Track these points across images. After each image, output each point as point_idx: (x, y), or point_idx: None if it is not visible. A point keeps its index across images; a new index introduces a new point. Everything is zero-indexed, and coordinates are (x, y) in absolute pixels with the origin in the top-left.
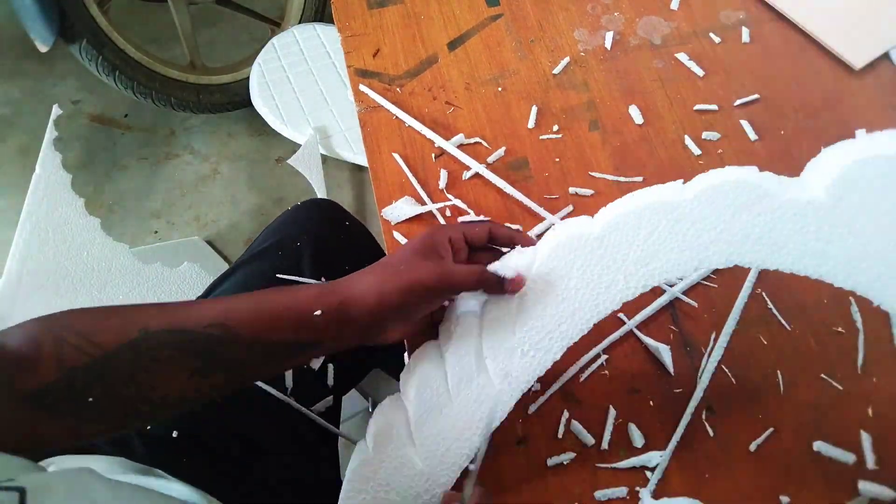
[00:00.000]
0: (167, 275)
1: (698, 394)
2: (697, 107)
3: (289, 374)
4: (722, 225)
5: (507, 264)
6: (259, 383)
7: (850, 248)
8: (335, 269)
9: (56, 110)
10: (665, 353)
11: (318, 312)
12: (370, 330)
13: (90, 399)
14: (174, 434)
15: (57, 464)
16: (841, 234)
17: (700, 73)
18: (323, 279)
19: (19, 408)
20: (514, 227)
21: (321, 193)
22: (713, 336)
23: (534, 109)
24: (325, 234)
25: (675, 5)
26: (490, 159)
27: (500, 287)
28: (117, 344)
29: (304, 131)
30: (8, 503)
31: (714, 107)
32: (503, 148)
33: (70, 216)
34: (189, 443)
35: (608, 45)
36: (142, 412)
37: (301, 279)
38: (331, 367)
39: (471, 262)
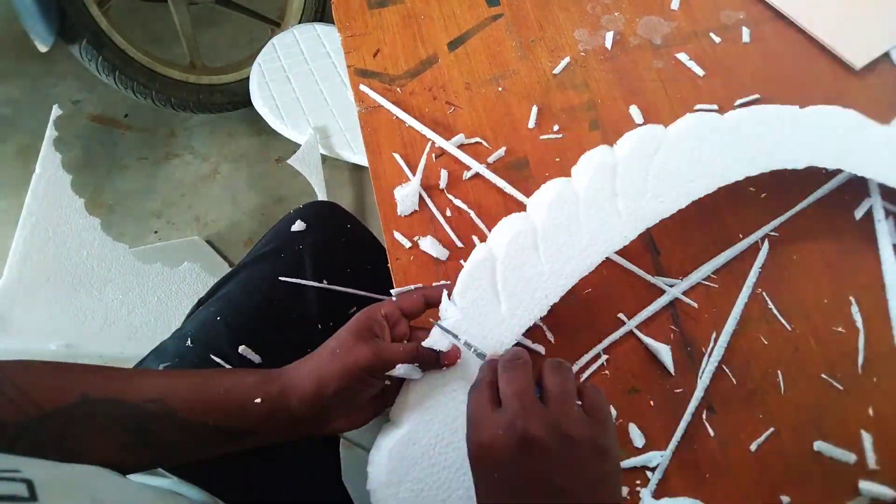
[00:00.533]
0: (167, 274)
1: (699, 393)
2: (698, 107)
3: None
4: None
5: (436, 339)
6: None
7: None
8: (337, 272)
9: (56, 110)
10: (665, 353)
11: (257, 400)
12: (312, 421)
13: (11, 451)
14: None
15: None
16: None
17: (700, 72)
18: (325, 282)
19: None
20: (443, 282)
21: (321, 194)
22: (714, 336)
23: (534, 109)
24: (327, 237)
25: (675, 5)
26: (490, 159)
27: (437, 362)
28: (54, 406)
29: (304, 131)
30: (17, 493)
31: (714, 107)
32: (503, 148)
33: (70, 216)
34: None
35: (608, 44)
36: None
37: (303, 282)
38: None
39: (412, 334)
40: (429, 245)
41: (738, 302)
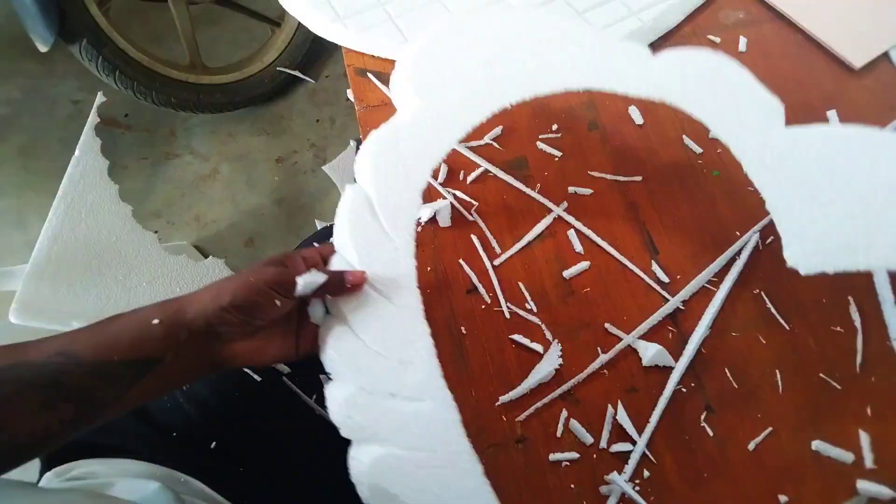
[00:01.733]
0: (191, 267)
1: (681, 366)
2: None
3: (325, 380)
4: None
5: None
6: (289, 383)
7: None
8: None
9: (100, 97)
10: (659, 354)
11: (155, 321)
12: (210, 338)
13: None
14: (212, 445)
15: (83, 466)
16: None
17: None
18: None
19: None
20: None
21: None
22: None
23: (443, 168)
24: None
25: None
26: (486, 138)
27: (342, 283)
28: None
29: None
30: None
31: None
32: (500, 127)
33: (104, 201)
34: (221, 450)
35: None
36: None
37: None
38: None
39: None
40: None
41: (720, 290)
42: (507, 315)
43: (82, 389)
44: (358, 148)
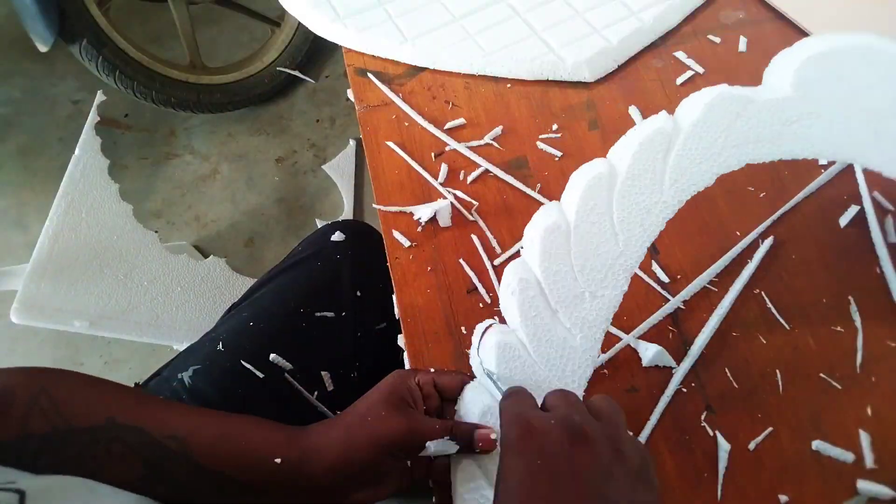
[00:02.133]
0: (192, 266)
1: (678, 376)
2: None
3: (327, 378)
4: (724, 135)
5: (472, 410)
6: (291, 380)
7: (827, 128)
8: (372, 287)
9: (100, 96)
10: (659, 355)
11: (277, 461)
12: (333, 490)
13: (32, 468)
14: None
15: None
16: (816, 118)
17: (701, 70)
18: (358, 293)
19: None
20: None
21: (348, 203)
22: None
23: (443, 167)
24: (366, 252)
25: None
26: (487, 138)
27: (471, 445)
28: (81, 424)
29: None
30: (10, 501)
31: None
32: (500, 127)
33: (104, 200)
34: None
35: None
36: None
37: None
38: None
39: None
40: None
41: (729, 293)
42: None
43: (182, 483)
44: (357, 147)
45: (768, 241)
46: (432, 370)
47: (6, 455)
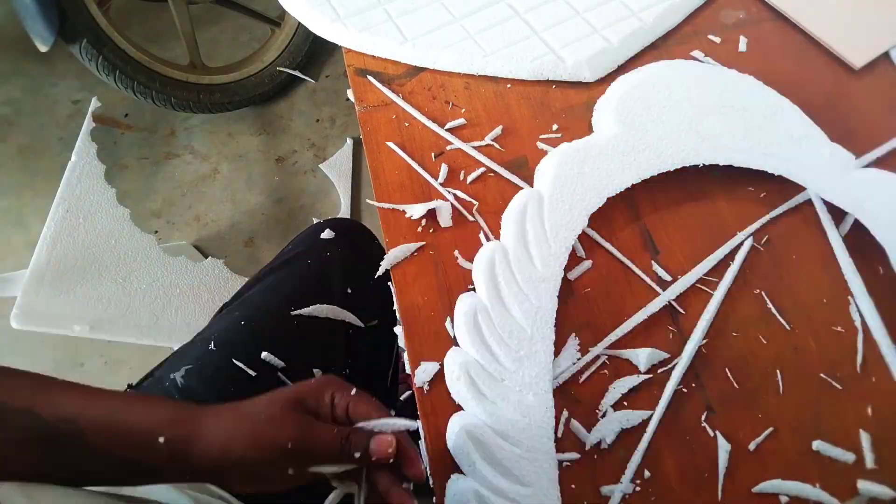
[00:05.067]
0: (191, 268)
1: (684, 361)
2: None
3: (318, 374)
4: (578, 182)
5: (384, 423)
6: (283, 378)
7: (658, 145)
8: (361, 285)
9: (95, 102)
10: (653, 355)
11: (161, 439)
12: (213, 478)
13: None
14: None
15: None
16: (645, 141)
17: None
18: (349, 291)
19: None
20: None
21: (345, 201)
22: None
23: (444, 168)
24: (356, 250)
25: None
26: (488, 138)
27: (366, 455)
28: None
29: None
30: None
31: None
32: (500, 127)
33: (101, 205)
34: None
35: None
36: None
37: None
38: None
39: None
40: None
41: (717, 290)
42: None
43: (79, 466)
44: (355, 146)
45: (749, 241)
46: (353, 392)
47: None
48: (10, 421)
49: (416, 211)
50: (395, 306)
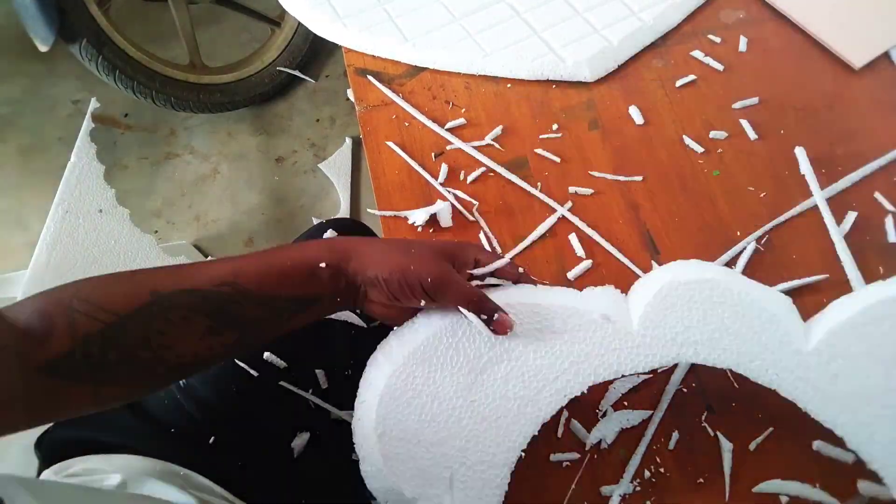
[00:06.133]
0: None
1: (682, 367)
2: (697, 106)
3: (321, 376)
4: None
5: (507, 298)
6: (293, 388)
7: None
8: None
9: (94, 103)
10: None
11: (322, 265)
12: (360, 293)
13: (107, 365)
14: (210, 441)
15: (82, 463)
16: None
17: (720, 68)
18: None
19: (34, 379)
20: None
21: (345, 201)
22: None
23: (443, 168)
24: None
25: None
26: (487, 138)
27: (489, 321)
28: (129, 308)
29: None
30: None
31: (714, 106)
32: (500, 127)
33: (101, 205)
34: (224, 447)
35: None
36: (158, 374)
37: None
38: None
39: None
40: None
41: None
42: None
43: (248, 320)
44: (354, 146)
45: (751, 246)
46: (491, 254)
47: (75, 366)
48: (168, 303)
49: (418, 217)
50: None
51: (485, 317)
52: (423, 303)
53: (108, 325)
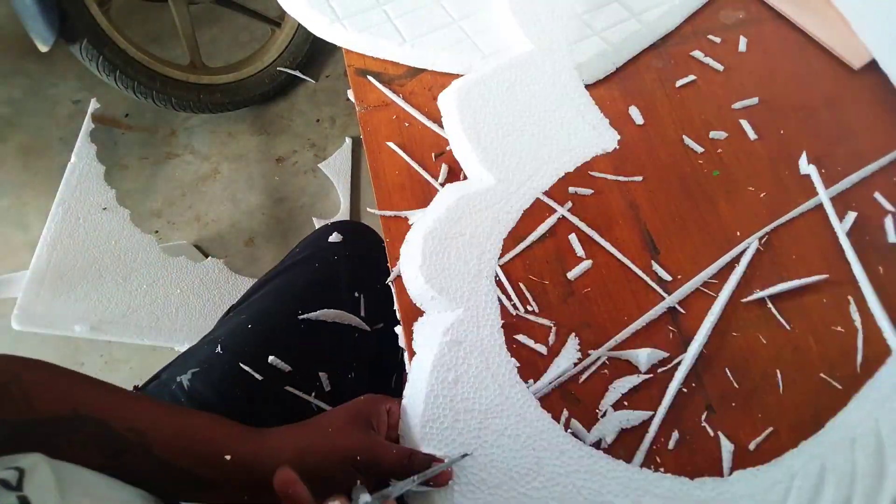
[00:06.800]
0: (191, 268)
1: (687, 362)
2: (697, 106)
3: (325, 379)
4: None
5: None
6: (294, 391)
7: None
8: (370, 288)
9: (94, 104)
10: (653, 355)
11: (227, 457)
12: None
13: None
14: None
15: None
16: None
17: (720, 68)
18: (356, 294)
19: None
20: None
21: (345, 201)
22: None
23: (444, 168)
24: (363, 253)
25: None
26: None
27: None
28: (47, 413)
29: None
30: (11, 479)
31: (714, 106)
32: None
33: (101, 205)
34: None
35: None
36: None
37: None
38: None
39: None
40: None
41: (723, 290)
42: (512, 313)
43: (141, 475)
44: (354, 146)
45: (754, 245)
46: (402, 403)
47: None
48: (79, 427)
49: (418, 217)
50: (395, 306)
51: (416, 476)
52: (357, 481)
53: (24, 420)
